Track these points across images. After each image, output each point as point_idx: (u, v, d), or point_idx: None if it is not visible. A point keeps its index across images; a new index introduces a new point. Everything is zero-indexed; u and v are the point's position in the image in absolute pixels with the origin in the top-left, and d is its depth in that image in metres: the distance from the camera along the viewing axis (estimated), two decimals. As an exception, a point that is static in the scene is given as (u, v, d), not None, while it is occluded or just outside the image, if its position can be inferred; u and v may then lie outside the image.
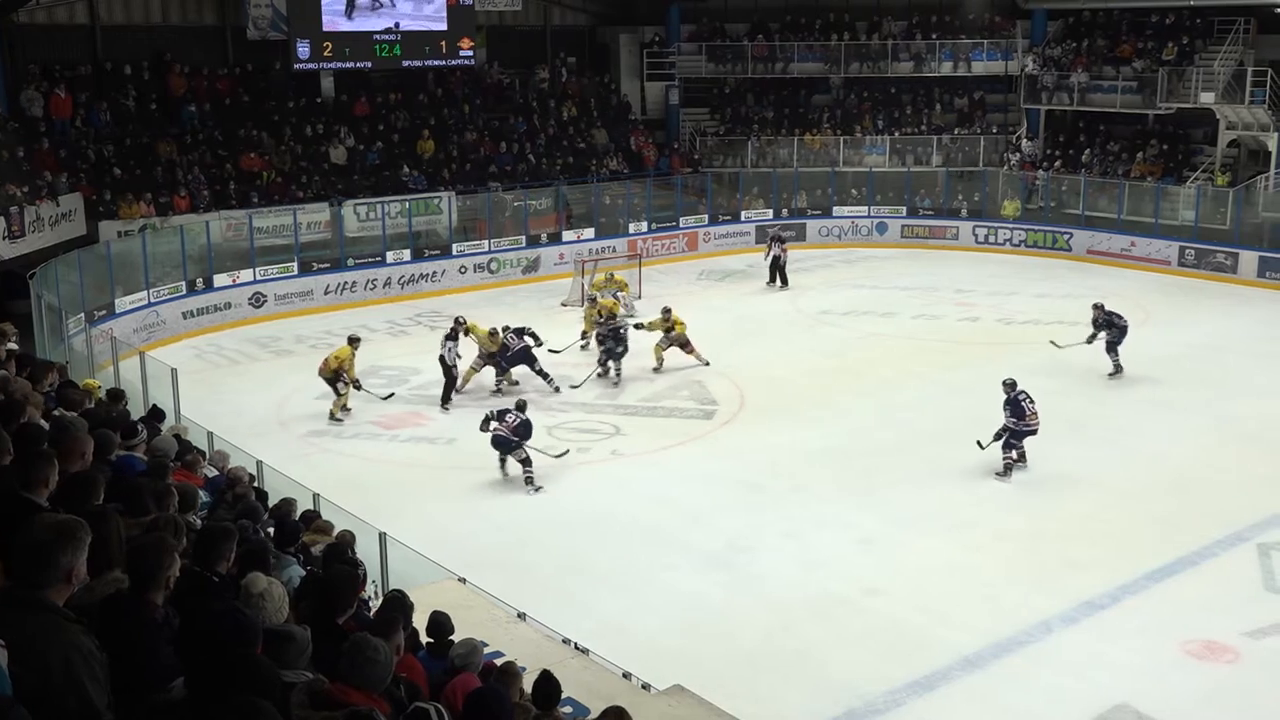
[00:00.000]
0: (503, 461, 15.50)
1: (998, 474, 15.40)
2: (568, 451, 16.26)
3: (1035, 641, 11.21)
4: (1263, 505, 14.27)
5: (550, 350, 20.37)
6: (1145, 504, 14.52)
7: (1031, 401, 15.65)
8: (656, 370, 20.37)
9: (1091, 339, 20.09)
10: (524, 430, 15.23)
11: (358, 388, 18.20)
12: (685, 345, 20.53)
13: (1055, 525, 13.88)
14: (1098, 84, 31.89)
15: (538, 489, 15.10)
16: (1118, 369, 19.80)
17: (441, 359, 18.63)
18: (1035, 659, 10.95)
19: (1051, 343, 20.64)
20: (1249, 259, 27.57)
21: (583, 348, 21.58)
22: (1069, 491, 14.97)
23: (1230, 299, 25.81)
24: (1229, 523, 13.76)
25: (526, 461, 15.20)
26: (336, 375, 17.93)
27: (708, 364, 20.46)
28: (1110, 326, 19.85)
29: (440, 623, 7.51)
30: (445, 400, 18.57)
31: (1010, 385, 15.86)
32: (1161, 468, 15.76)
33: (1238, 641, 11.12)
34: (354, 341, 18.52)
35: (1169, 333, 22.80)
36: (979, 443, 15.57)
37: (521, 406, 15.80)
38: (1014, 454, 15.52)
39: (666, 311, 20.58)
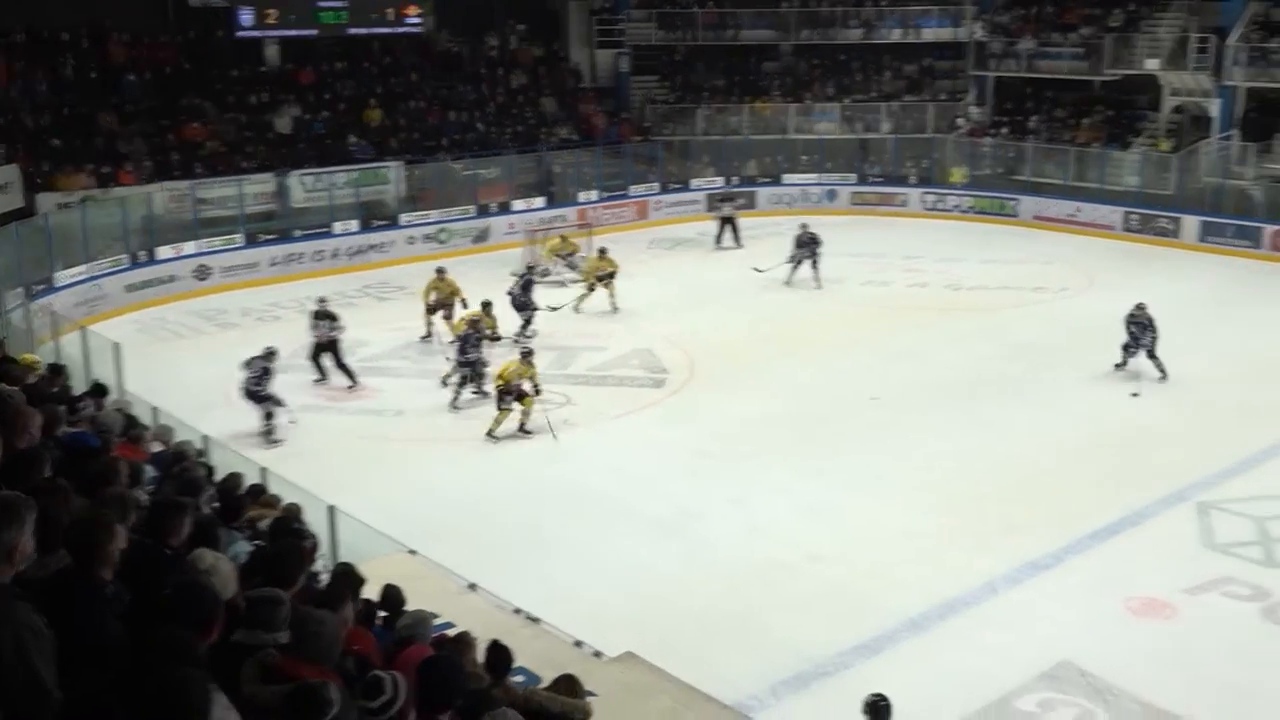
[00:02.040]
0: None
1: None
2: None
3: (980, 602, 11.40)
4: (1202, 464, 14.56)
5: (550, 307, 21.35)
6: (1087, 465, 14.77)
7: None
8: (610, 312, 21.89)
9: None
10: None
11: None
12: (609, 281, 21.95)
13: (998, 488, 14.08)
14: (1045, 50, 32.11)
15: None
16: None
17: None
18: (980, 619, 11.13)
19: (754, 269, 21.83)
20: (1191, 224, 27.96)
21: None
22: (1012, 454, 15.18)
23: (1173, 263, 26.18)
24: (1169, 482, 14.02)
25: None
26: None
27: (617, 310, 21.92)
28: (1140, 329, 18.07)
29: (393, 596, 7.51)
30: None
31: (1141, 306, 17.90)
32: (1103, 429, 16.03)
33: (1177, 598, 11.37)
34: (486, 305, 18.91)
35: (1114, 296, 22.89)
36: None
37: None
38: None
39: (603, 251, 21.70)
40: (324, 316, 18.38)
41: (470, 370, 17.34)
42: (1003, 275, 24.88)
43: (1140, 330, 18.04)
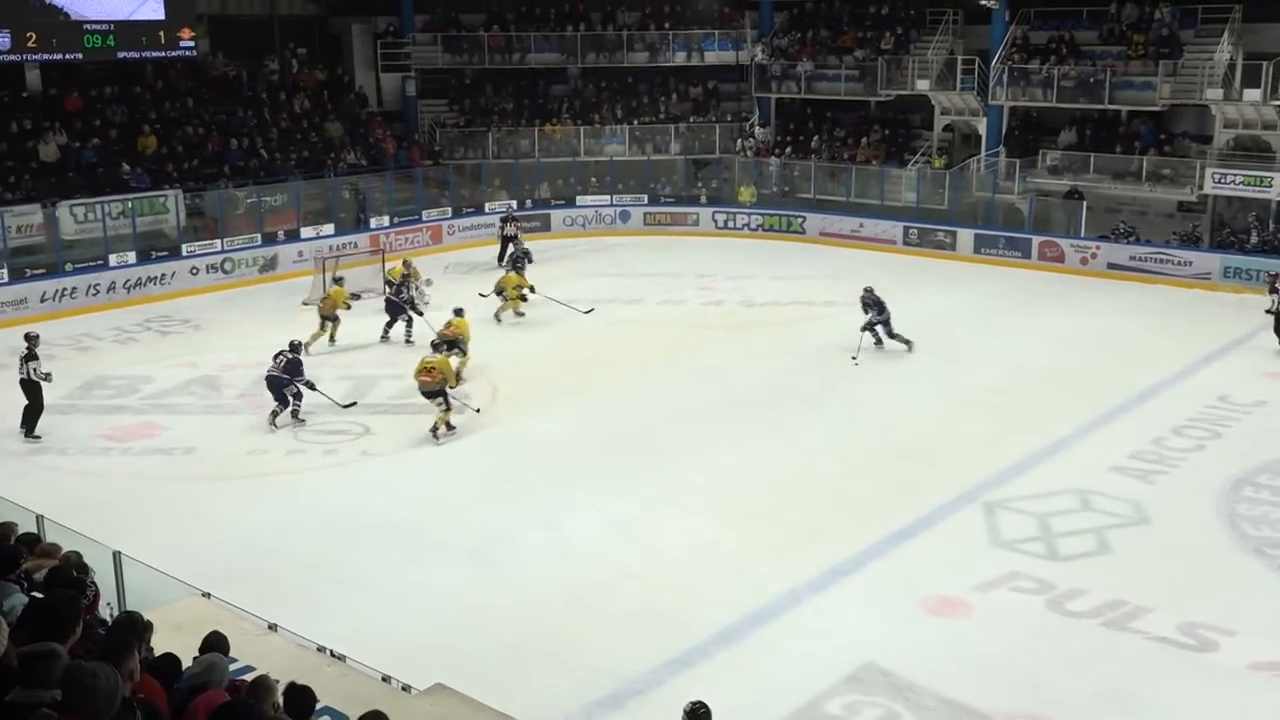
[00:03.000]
0: (276, 412, 17.01)
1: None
2: (355, 404, 17.97)
3: (786, 610, 11.67)
4: (986, 466, 15.30)
5: (481, 294, 22.79)
6: (882, 471, 15.33)
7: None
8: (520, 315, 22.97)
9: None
10: (293, 368, 17.03)
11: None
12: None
13: (799, 498, 14.46)
14: (823, 73, 33.38)
15: (301, 421, 17.13)
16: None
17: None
18: (787, 628, 11.39)
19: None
20: (966, 236, 29.44)
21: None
22: (811, 464, 15.62)
23: (951, 274, 27.50)
24: (957, 485, 14.69)
25: (297, 396, 17.10)
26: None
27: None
28: (879, 308, 20.61)
29: (304, 697, 6.52)
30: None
31: (869, 290, 20.36)
32: (895, 436, 16.67)
33: (969, 595, 11.90)
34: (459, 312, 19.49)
35: (898, 309, 23.95)
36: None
37: (294, 347, 17.37)
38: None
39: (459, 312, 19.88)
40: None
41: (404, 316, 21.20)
42: (794, 291, 25.64)
43: (877, 309, 20.51)
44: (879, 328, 20.68)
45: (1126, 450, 15.91)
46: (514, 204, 32.06)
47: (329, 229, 29.02)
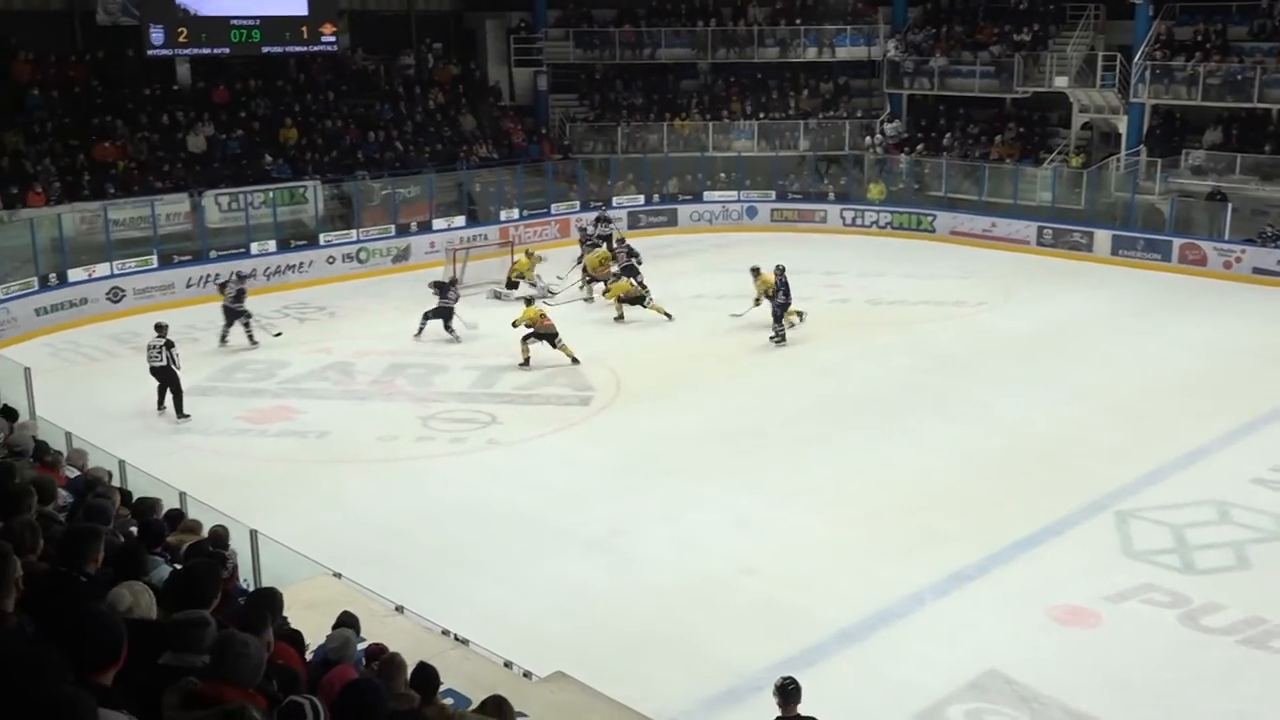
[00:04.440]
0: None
1: (774, 339, 20.54)
2: (280, 334, 20.64)
3: (909, 613, 11.51)
4: (1119, 474, 14.86)
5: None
6: (1010, 475, 15.00)
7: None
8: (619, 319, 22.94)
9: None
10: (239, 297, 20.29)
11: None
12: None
13: (924, 499, 14.23)
14: (957, 69, 32.75)
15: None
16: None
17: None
18: (908, 630, 11.23)
19: (733, 314, 22.27)
20: (1103, 238, 28.62)
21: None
22: (937, 466, 15.36)
23: (1086, 276, 26.76)
24: (1088, 492, 14.30)
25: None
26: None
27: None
28: (785, 291, 21.41)
29: (430, 676, 6.66)
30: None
31: (781, 270, 20.93)
32: (1024, 440, 16.29)
33: (1099, 605, 11.58)
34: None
35: (1029, 310, 23.57)
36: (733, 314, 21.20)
37: (241, 277, 20.94)
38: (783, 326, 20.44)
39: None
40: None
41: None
42: (922, 290, 25.24)
43: (784, 292, 21.02)
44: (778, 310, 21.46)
45: (1269, 462, 15.29)
46: (601, 203, 31.47)
47: (460, 221, 29.52)
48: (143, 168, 26.60)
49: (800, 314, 21.83)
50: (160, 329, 17.49)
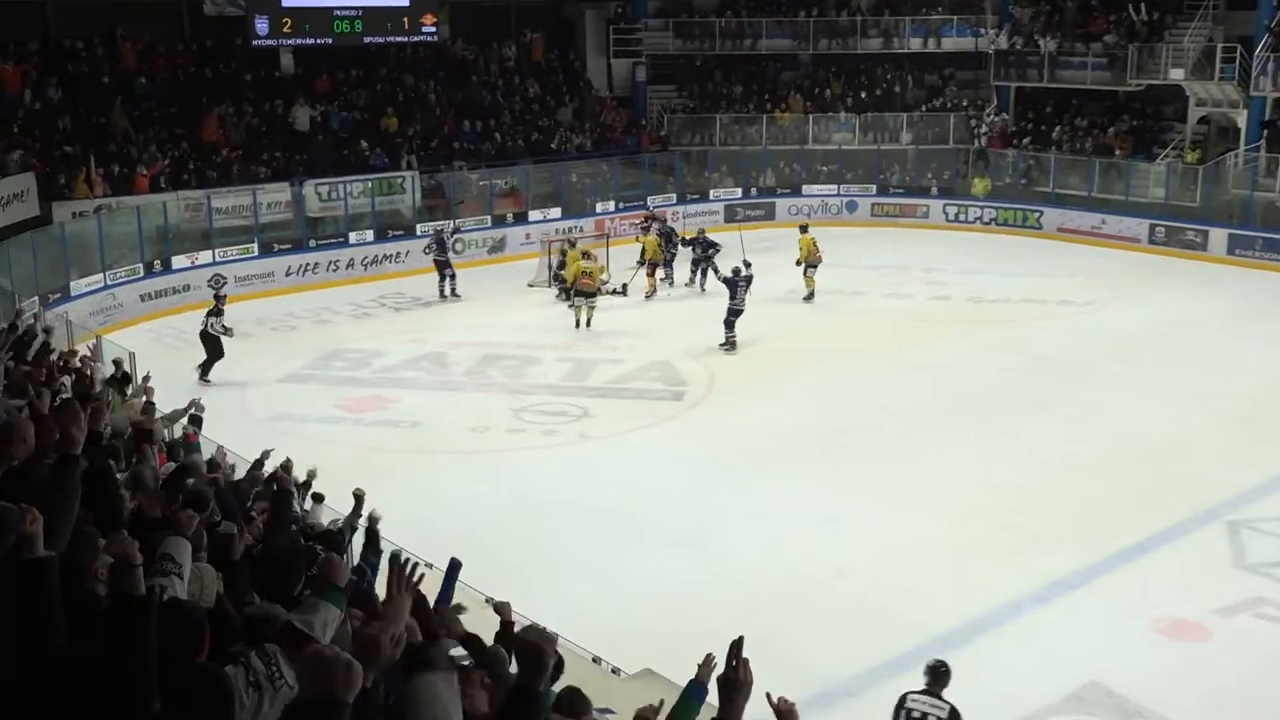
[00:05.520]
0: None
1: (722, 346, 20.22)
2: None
3: (1007, 620, 11.29)
4: (1231, 482, 14.41)
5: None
6: (1115, 481, 14.63)
7: (744, 287, 20.42)
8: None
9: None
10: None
11: None
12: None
13: (1025, 503, 13.95)
14: (1067, 60, 31.99)
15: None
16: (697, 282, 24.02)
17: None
18: (1006, 638, 11.01)
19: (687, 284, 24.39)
20: (1218, 236, 27.79)
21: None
22: (1038, 469, 15.05)
23: (1200, 276, 26.01)
24: (1199, 500, 13.89)
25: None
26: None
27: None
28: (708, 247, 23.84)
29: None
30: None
31: (736, 271, 20.63)
32: (1131, 444, 15.87)
33: (1208, 619, 11.23)
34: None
35: (1138, 310, 22.98)
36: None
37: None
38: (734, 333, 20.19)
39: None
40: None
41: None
42: (1027, 288, 24.77)
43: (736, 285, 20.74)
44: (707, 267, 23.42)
45: (1394, 473, 14.72)
46: (655, 205, 30.47)
47: (555, 212, 29.66)
48: (245, 155, 27.17)
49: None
50: (218, 298, 19.53)
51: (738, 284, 20.53)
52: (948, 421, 16.77)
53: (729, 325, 20.37)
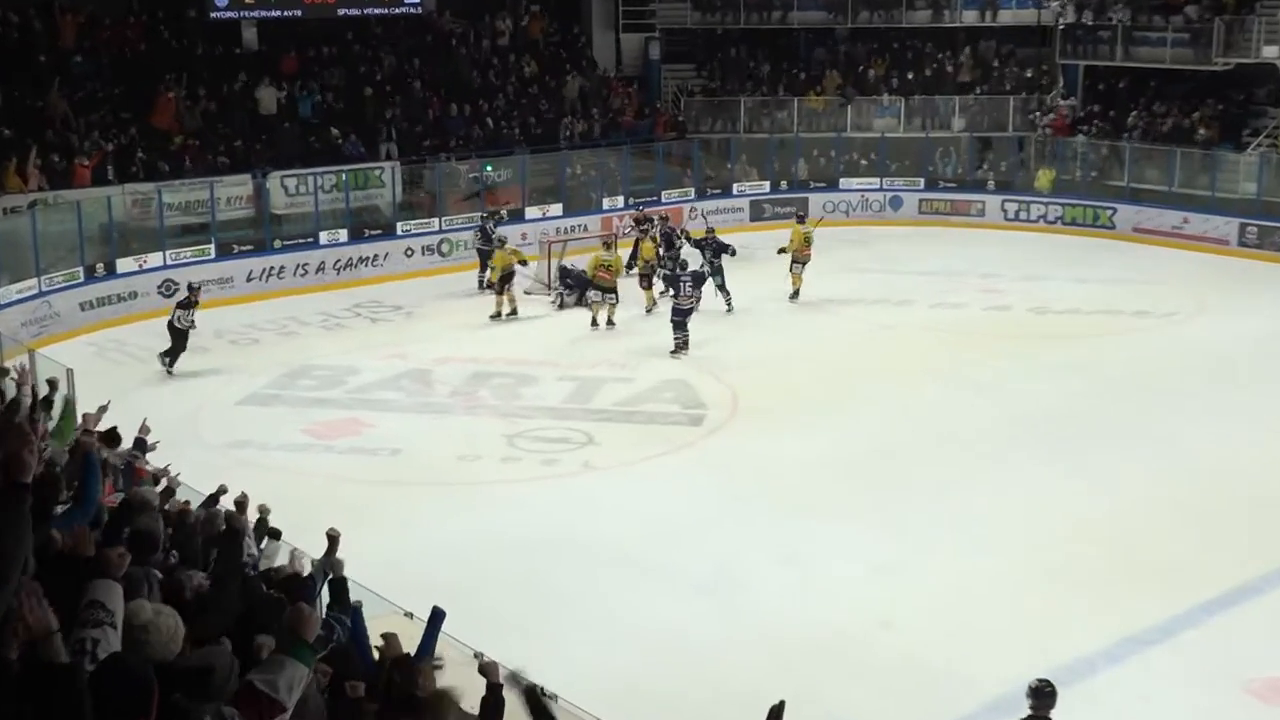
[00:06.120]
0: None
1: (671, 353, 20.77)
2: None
3: (1079, 681, 11.18)
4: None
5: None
6: (1202, 524, 14.55)
7: (690, 283, 21.22)
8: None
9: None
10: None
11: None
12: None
13: (1096, 547, 13.88)
14: (1144, 35, 32.00)
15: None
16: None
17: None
18: (1077, 701, 10.87)
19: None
20: (1321, 238, 27.81)
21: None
22: (1113, 507, 14.99)
23: (1299, 284, 25.98)
24: (1298, 545, 13.84)
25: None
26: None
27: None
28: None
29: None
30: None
31: (683, 265, 21.94)
32: (1220, 482, 15.79)
33: (1308, 681, 11.19)
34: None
35: (1227, 323, 22.92)
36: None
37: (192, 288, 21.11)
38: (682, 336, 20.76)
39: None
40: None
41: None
42: (1098, 297, 24.75)
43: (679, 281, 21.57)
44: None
45: None
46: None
47: (557, 209, 29.69)
48: (201, 143, 27.24)
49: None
50: (191, 290, 20.67)
51: (680, 279, 21.18)
52: (1008, 452, 16.73)
53: (676, 326, 20.96)
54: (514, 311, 23.46)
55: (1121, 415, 18.12)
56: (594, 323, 22.51)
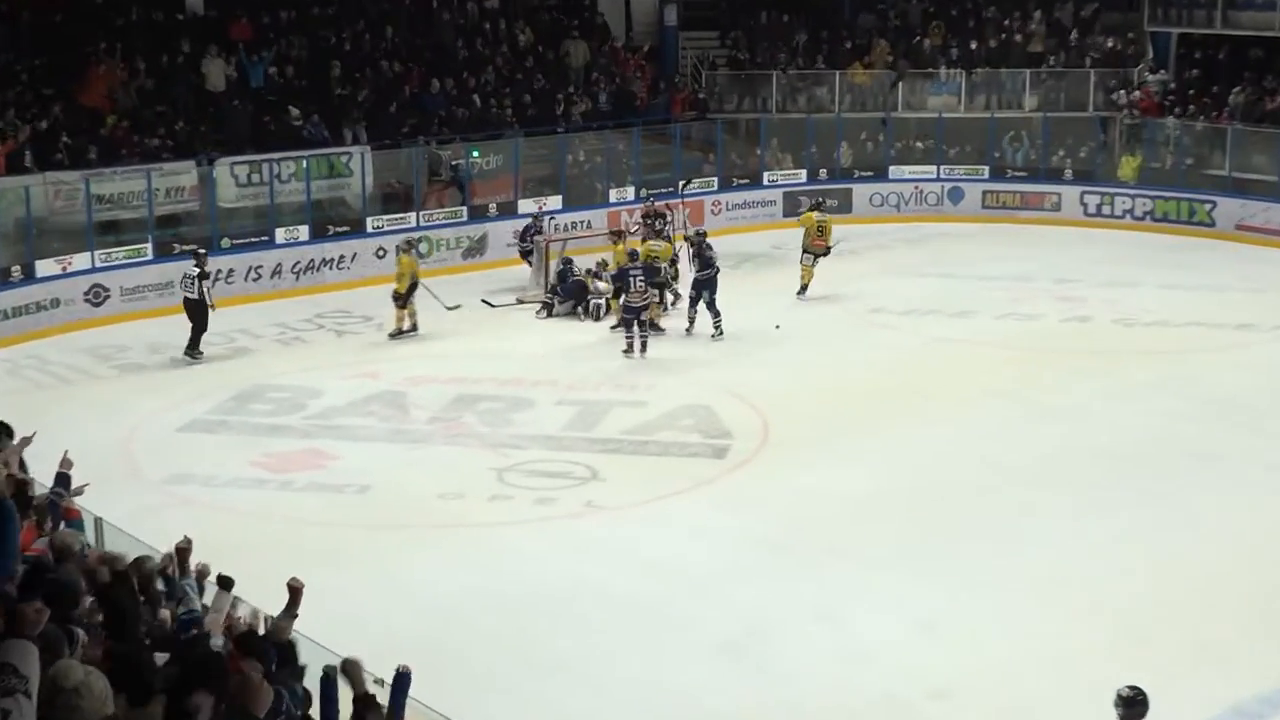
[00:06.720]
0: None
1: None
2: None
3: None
4: None
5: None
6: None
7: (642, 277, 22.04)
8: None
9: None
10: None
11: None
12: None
13: (1192, 599, 13.90)
14: (1249, -1, 32.12)
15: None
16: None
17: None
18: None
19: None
20: None
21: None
22: (1212, 553, 14.99)
23: None
24: None
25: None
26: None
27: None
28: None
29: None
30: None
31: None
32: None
33: None
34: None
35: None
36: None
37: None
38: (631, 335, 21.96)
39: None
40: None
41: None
42: (1194, 306, 24.79)
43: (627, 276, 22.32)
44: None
45: None
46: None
47: (555, 202, 29.77)
48: (137, 124, 27.34)
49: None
50: (198, 257, 22.09)
51: (627, 274, 22.02)
52: (1084, 484, 16.76)
53: (626, 325, 22.28)
54: (414, 327, 23.65)
55: (1223, 444, 18.15)
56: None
